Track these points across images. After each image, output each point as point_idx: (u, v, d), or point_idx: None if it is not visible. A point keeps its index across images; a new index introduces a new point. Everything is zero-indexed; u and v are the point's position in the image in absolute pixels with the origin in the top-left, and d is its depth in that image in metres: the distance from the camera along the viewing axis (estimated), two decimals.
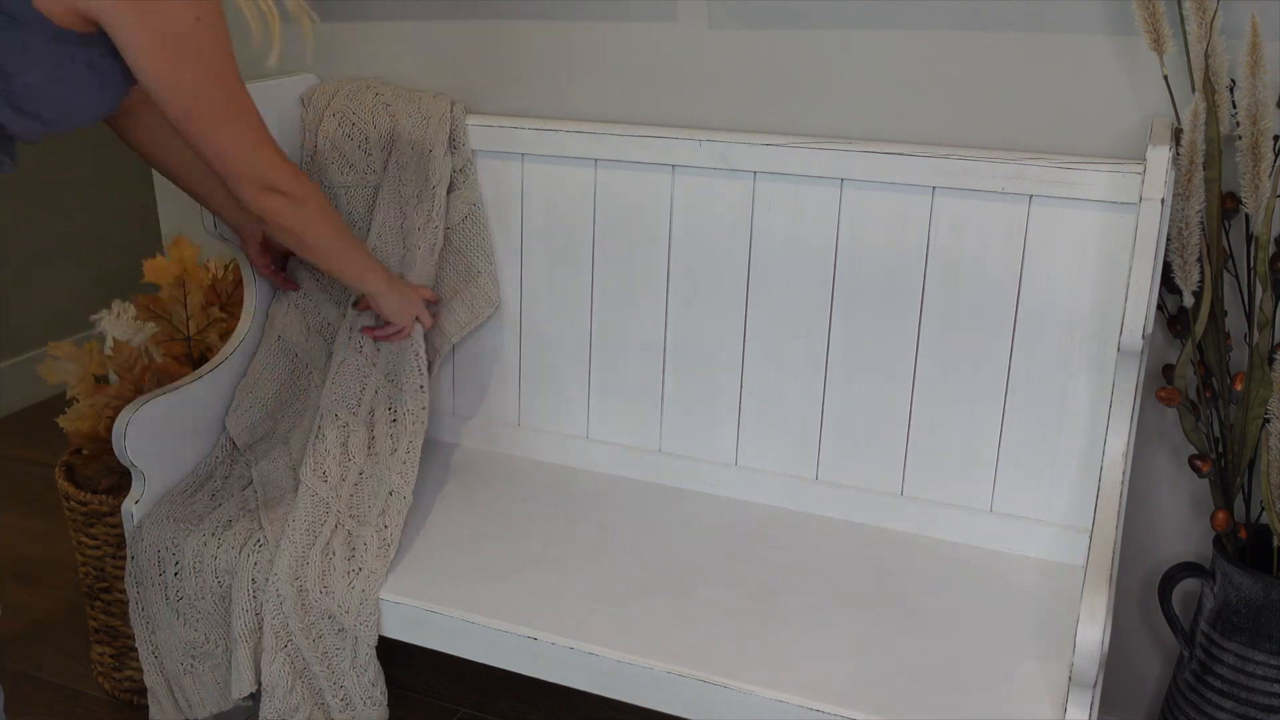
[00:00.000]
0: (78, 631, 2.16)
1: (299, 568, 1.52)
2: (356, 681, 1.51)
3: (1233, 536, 1.52)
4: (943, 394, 1.63)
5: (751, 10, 1.67)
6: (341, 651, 1.51)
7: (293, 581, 1.51)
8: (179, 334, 1.93)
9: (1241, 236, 1.51)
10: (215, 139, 1.39)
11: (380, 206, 1.80)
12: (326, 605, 1.50)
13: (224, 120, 1.38)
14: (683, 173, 1.70)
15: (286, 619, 1.51)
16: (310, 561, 1.53)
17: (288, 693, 1.52)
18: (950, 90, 1.60)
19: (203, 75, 1.34)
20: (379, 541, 1.56)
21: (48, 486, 2.69)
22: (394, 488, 1.64)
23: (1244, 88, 1.37)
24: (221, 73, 1.36)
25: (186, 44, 1.30)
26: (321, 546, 1.55)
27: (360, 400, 1.74)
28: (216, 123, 1.37)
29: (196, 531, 1.60)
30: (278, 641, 1.51)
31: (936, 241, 1.58)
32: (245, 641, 1.53)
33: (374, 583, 1.51)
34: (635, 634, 1.42)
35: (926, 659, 1.39)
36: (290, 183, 1.48)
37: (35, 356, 3.12)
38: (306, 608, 1.51)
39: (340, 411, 1.72)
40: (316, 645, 1.51)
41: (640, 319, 1.78)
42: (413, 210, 1.78)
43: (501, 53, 1.83)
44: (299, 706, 1.53)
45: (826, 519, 1.71)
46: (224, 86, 1.36)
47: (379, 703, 1.52)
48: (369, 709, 1.52)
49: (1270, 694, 1.48)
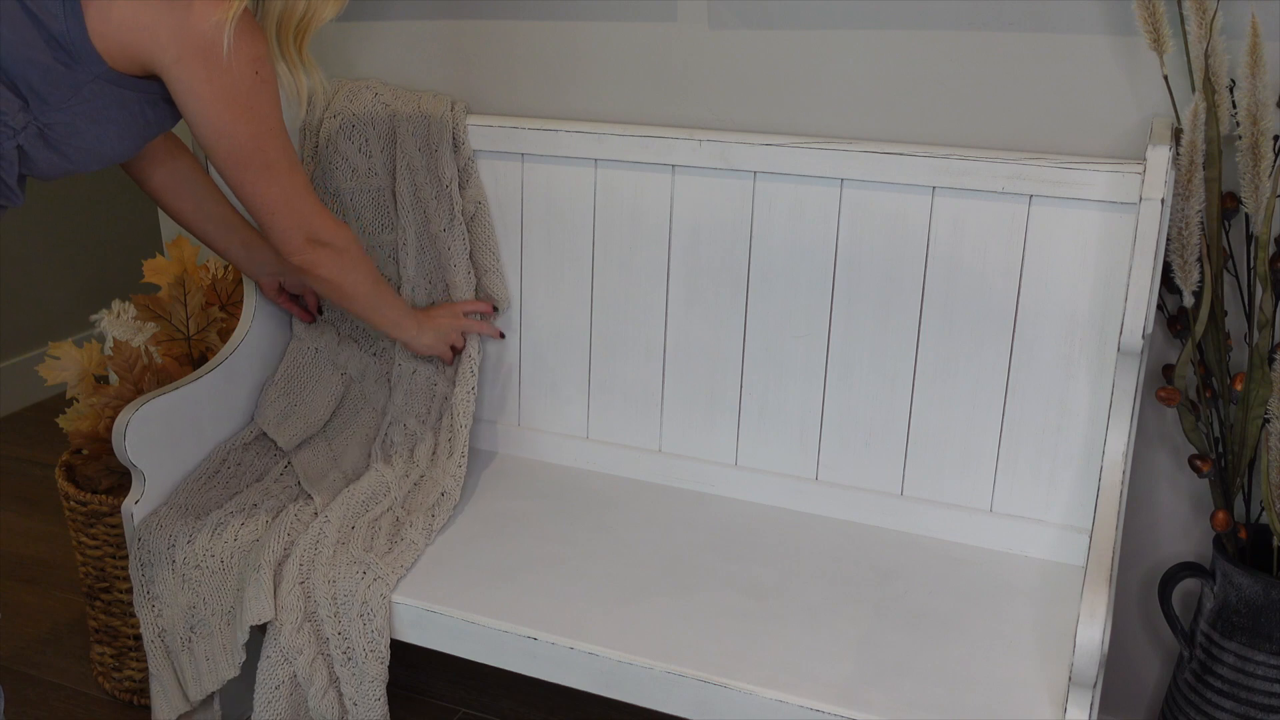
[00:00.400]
0: (78, 631, 2.16)
1: (347, 522, 1.59)
2: (363, 630, 1.50)
3: (1233, 536, 1.52)
4: (943, 394, 1.63)
5: (751, 10, 1.67)
6: (353, 598, 1.50)
7: (338, 529, 1.57)
8: (179, 334, 1.93)
9: (1241, 236, 1.51)
10: (267, 191, 1.43)
11: (402, 212, 1.80)
12: (361, 557, 1.54)
13: (276, 173, 1.43)
14: (683, 173, 1.70)
15: (316, 556, 1.54)
16: (357, 526, 1.60)
17: (295, 630, 1.51)
18: (950, 90, 1.60)
19: (259, 129, 1.39)
20: (424, 526, 1.63)
21: (48, 486, 2.69)
22: (446, 489, 1.71)
23: (1244, 88, 1.37)
24: (276, 127, 1.41)
25: (247, 98, 1.36)
26: (371, 520, 1.62)
27: (430, 408, 1.80)
28: (269, 175, 1.42)
29: (218, 511, 1.64)
30: (299, 573, 1.53)
31: (936, 242, 1.58)
32: (269, 567, 1.53)
33: (411, 552, 1.56)
34: (635, 634, 1.42)
35: (926, 659, 1.39)
36: (335, 233, 1.53)
37: (35, 356, 3.12)
38: (337, 557, 1.54)
39: (409, 420, 1.79)
40: (331, 588, 1.51)
41: (640, 319, 1.78)
42: (434, 212, 1.78)
43: (502, 53, 1.83)
44: (303, 649, 1.51)
45: (826, 519, 1.71)
46: (277, 140, 1.42)
47: (381, 658, 1.50)
48: (371, 663, 1.50)
49: (1270, 694, 1.48)
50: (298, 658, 1.51)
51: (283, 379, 1.83)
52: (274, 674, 1.52)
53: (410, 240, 1.80)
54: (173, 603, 1.62)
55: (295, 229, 1.48)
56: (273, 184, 1.44)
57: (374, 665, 1.50)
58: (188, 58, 1.31)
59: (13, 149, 1.30)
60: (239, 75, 1.34)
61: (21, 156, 1.32)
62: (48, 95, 1.30)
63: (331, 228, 1.53)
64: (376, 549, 1.56)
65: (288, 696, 1.54)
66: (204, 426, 1.74)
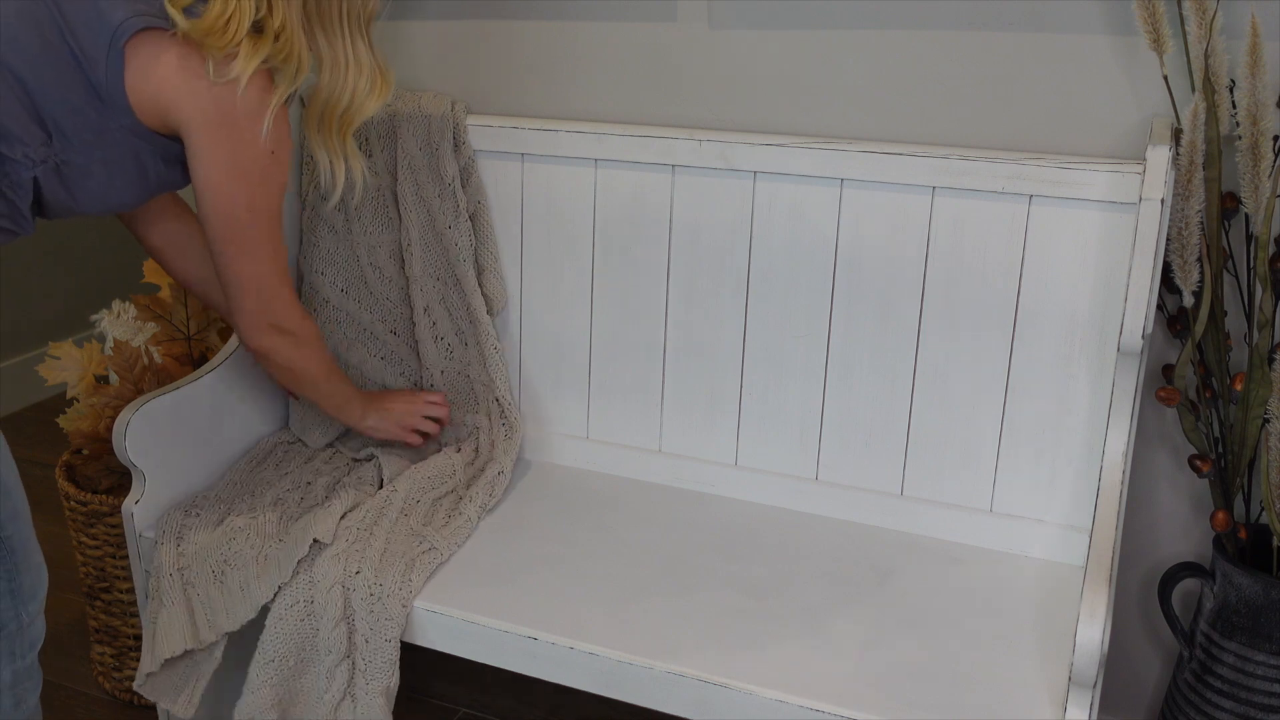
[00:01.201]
0: (78, 631, 2.16)
1: (412, 497, 1.65)
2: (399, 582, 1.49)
3: (1233, 536, 1.52)
4: (943, 394, 1.63)
5: (751, 10, 1.67)
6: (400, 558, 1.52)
7: (404, 500, 1.63)
8: (179, 334, 1.93)
9: (1241, 236, 1.51)
10: (244, 265, 1.46)
11: (405, 210, 1.80)
12: (419, 529, 1.58)
13: (258, 251, 1.46)
14: (683, 173, 1.70)
15: (380, 518, 1.58)
16: (421, 502, 1.65)
17: (330, 560, 1.51)
18: (950, 90, 1.60)
19: (257, 205, 1.43)
20: (480, 503, 1.68)
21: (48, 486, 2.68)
22: (503, 468, 1.76)
23: (1244, 88, 1.37)
24: (273, 210, 1.45)
25: (259, 175, 1.41)
26: (434, 499, 1.67)
27: (471, 397, 1.85)
28: (251, 250, 1.45)
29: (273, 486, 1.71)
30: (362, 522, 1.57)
31: (936, 241, 1.58)
32: (338, 509, 1.59)
33: (466, 527, 1.62)
34: (635, 634, 1.42)
35: (926, 659, 1.39)
36: (299, 324, 1.56)
37: (35, 356, 3.12)
38: (397, 526, 1.58)
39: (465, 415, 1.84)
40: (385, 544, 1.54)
41: (640, 319, 1.78)
42: (439, 210, 1.78)
43: (501, 53, 1.83)
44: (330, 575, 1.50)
45: (826, 519, 1.71)
46: (270, 223, 1.45)
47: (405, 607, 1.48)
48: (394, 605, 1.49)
49: (1270, 694, 1.48)
50: (321, 582, 1.50)
51: None
52: (294, 595, 1.50)
53: (414, 239, 1.80)
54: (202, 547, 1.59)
55: (261, 312, 1.50)
56: (253, 263, 1.46)
57: (396, 607, 1.48)
58: (215, 126, 1.36)
59: (29, 180, 1.33)
60: (258, 152, 1.39)
61: (35, 189, 1.35)
62: (72, 135, 1.33)
63: (297, 318, 1.55)
64: (434, 524, 1.61)
65: (296, 624, 1.51)
66: (204, 426, 1.74)
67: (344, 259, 1.86)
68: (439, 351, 1.84)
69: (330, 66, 1.44)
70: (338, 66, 1.44)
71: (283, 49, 1.38)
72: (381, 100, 1.48)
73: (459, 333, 1.83)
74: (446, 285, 1.82)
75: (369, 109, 1.48)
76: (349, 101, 1.46)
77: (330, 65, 1.44)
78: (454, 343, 1.83)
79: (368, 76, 1.46)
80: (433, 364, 1.84)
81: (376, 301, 1.86)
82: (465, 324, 1.82)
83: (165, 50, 1.33)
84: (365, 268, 1.85)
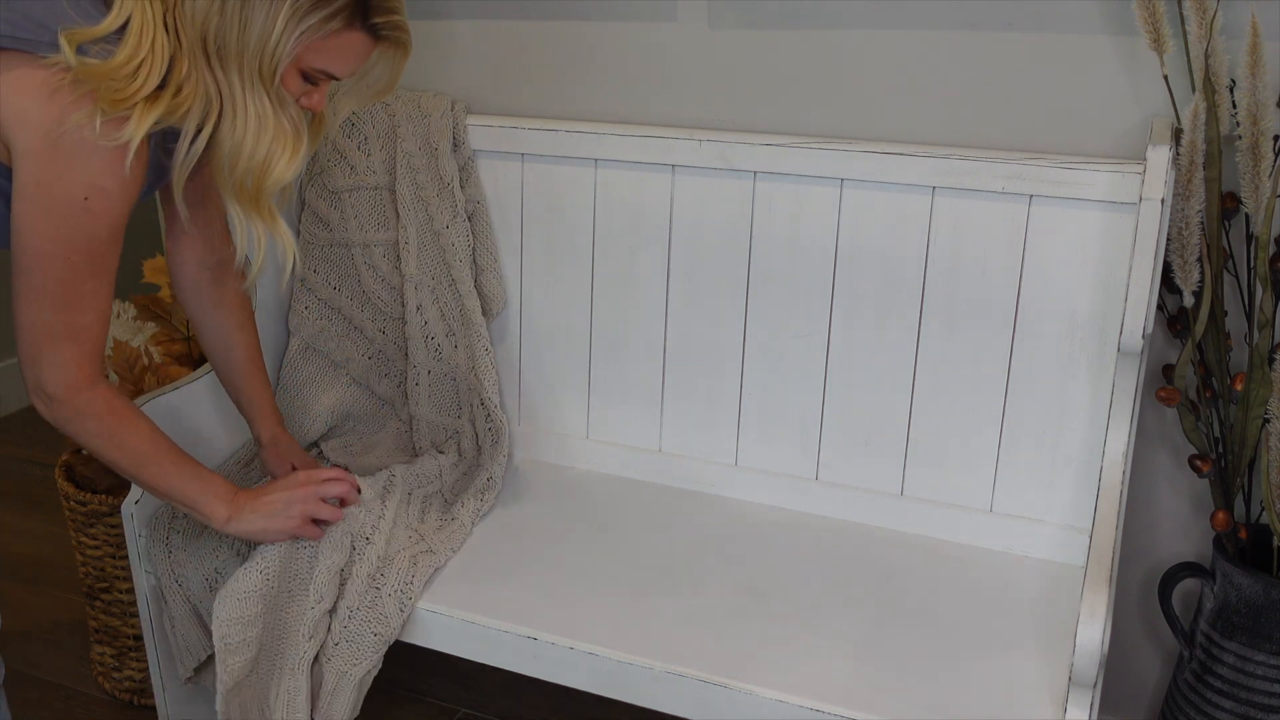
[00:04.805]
0: (78, 631, 2.16)
1: (406, 490, 1.65)
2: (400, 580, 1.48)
3: (1233, 536, 1.52)
4: (943, 394, 1.63)
5: (751, 10, 1.67)
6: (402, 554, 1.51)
7: (401, 493, 1.62)
8: (179, 334, 1.93)
9: (1241, 236, 1.51)
10: (25, 309, 1.26)
11: (403, 210, 1.80)
12: (416, 525, 1.59)
13: (42, 303, 1.25)
14: (683, 173, 1.70)
15: (391, 479, 1.61)
16: (414, 495, 1.66)
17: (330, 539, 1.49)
18: (950, 90, 1.60)
19: (54, 250, 1.22)
20: (473, 509, 1.67)
21: (48, 486, 2.69)
22: (493, 475, 1.74)
23: (1244, 88, 1.37)
24: (73, 260, 1.23)
25: (63, 212, 1.21)
26: (425, 495, 1.68)
27: (457, 403, 1.84)
28: (36, 296, 1.25)
29: None
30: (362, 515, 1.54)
31: (936, 241, 1.58)
32: None
33: (461, 533, 1.60)
34: (635, 634, 1.42)
35: (926, 659, 1.39)
36: (70, 394, 1.30)
37: None
38: (398, 517, 1.58)
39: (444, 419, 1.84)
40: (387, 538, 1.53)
41: (640, 319, 1.78)
42: (437, 210, 1.78)
43: (501, 53, 1.83)
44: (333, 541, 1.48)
45: (826, 519, 1.71)
46: (65, 270, 1.24)
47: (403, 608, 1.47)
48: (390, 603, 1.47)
49: (1270, 694, 1.48)
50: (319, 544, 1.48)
51: (289, 382, 1.84)
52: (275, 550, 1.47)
53: (412, 239, 1.80)
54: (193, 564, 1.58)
55: (30, 363, 1.28)
56: (33, 305, 1.25)
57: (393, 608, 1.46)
58: (36, 151, 1.17)
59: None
60: (69, 187, 1.19)
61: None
62: None
63: (67, 388, 1.29)
64: (429, 523, 1.61)
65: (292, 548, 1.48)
66: (204, 426, 1.74)
67: (339, 256, 1.86)
68: (428, 351, 1.83)
69: (231, 115, 1.24)
70: (239, 116, 1.24)
71: (182, 104, 1.21)
72: (294, 158, 1.28)
73: (450, 334, 1.82)
74: (441, 285, 1.82)
75: (279, 167, 1.27)
76: (262, 159, 1.26)
77: (231, 114, 1.24)
78: (444, 344, 1.83)
79: (273, 133, 1.26)
80: (420, 364, 1.83)
81: (368, 299, 1.85)
82: (458, 325, 1.82)
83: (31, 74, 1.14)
84: (360, 266, 1.84)
